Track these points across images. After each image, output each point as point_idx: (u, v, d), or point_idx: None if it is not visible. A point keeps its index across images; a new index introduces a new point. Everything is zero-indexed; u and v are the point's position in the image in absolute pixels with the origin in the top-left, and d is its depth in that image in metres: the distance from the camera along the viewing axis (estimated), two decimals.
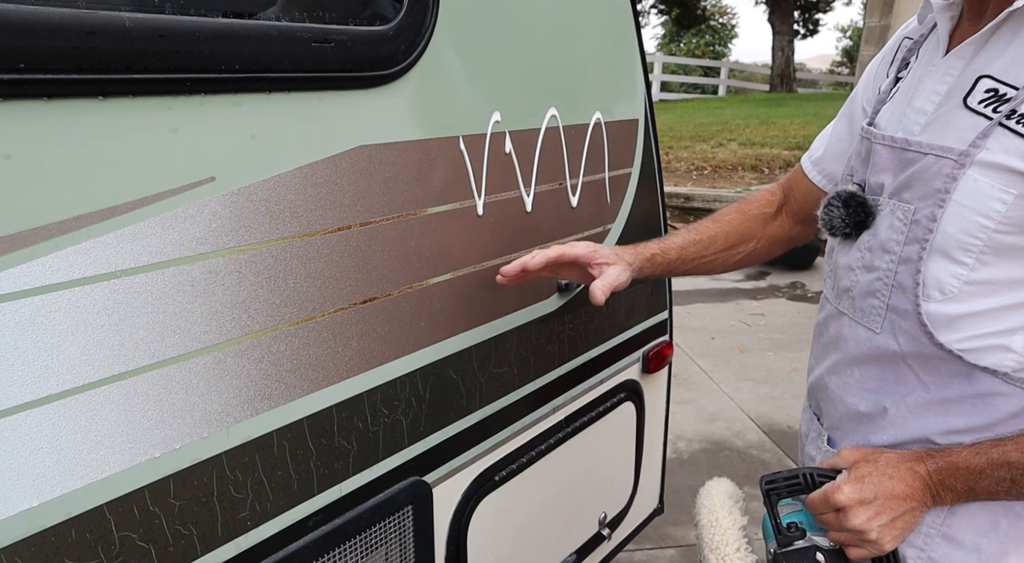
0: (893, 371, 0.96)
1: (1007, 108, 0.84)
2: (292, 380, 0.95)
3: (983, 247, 0.86)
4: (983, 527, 0.92)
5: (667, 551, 2.63)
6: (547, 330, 1.41)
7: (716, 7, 28.41)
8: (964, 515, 0.92)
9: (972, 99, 0.88)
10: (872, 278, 0.97)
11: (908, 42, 1.05)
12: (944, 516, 0.93)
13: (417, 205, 1.10)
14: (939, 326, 0.90)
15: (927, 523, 0.94)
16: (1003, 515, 0.91)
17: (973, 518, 0.92)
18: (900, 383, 0.96)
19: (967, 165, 0.86)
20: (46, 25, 0.68)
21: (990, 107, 0.86)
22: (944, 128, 0.90)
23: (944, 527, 0.93)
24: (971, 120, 0.87)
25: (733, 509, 1.08)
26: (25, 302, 0.70)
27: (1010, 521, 0.91)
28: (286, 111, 0.91)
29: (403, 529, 1.15)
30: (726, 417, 3.65)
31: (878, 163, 0.98)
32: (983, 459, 0.86)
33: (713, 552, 1.03)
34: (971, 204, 0.85)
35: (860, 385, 1.01)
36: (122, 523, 0.80)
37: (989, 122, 0.85)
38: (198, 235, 0.83)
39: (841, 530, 0.93)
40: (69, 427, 0.74)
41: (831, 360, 1.06)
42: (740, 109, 12.92)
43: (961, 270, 0.88)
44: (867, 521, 0.90)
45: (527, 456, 1.41)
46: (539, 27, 1.30)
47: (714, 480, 1.16)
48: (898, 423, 0.97)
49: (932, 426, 0.94)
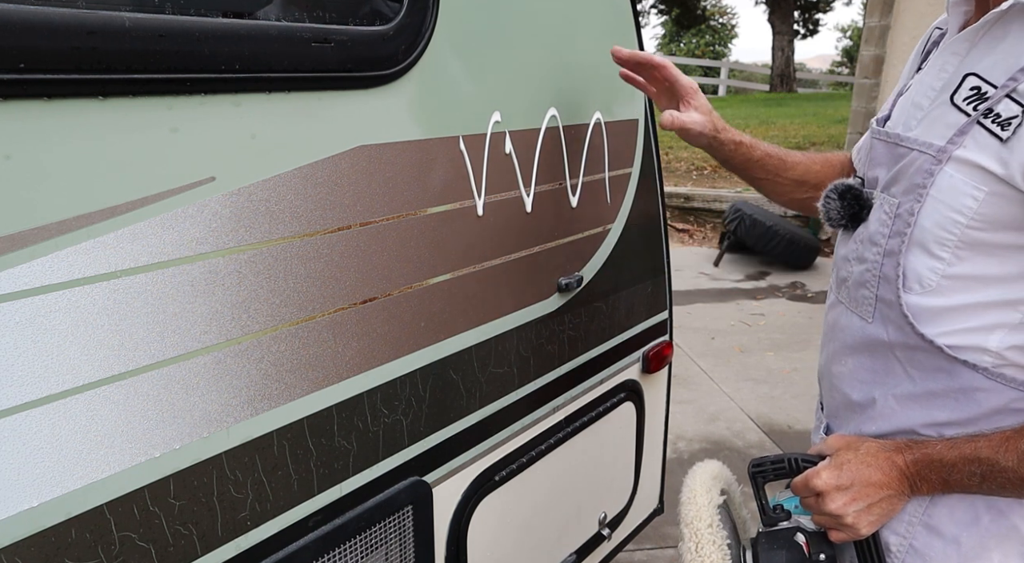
0: (883, 362, 0.98)
1: (984, 106, 0.85)
2: (292, 380, 0.95)
3: (957, 242, 0.87)
4: (963, 520, 0.93)
5: (667, 551, 2.63)
6: (547, 330, 1.41)
7: (716, 7, 28.42)
8: (945, 506, 0.94)
9: (958, 96, 0.89)
10: (863, 269, 0.99)
11: (937, 32, 1.05)
12: (926, 506, 0.95)
13: (417, 205, 1.10)
14: (921, 318, 0.92)
15: (909, 511, 0.95)
16: (984, 510, 0.92)
17: (953, 510, 0.93)
18: (889, 375, 0.98)
19: (944, 161, 0.88)
20: (46, 25, 0.68)
21: (971, 105, 0.87)
22: (932, 124, 0.92)
23: (926, 517, 0.95)
24: (954, 117, 0.89)
25: (713, 488, 1.11)
26: (25, 302, 0.70)
27: (992, 517, 0.92)
28: (286, 111, 0.91)
29: (403, 529, 1.15)
30: (726, 417, 3.65)
31: (875, 158, 1.01)
32: (956, 453, 0.88)
33: (687, 527, 1.06)
34: (945, 199, 0.87)
35: (854, 375, 1.03)
36: (122, 523, 0.80)
37: (967, 119, 0.87)
38: (198, 235, 0.83)
39: (820, 514, 0.96)
40: (69, 427, 0.74)
41: (831, 348, 1.09)
42: (740, 109, 12.92)
43: (938, 264, 0.90)
44: (843, 506, 0.93)
45: (527, 456, 1.41)
46: (539, 27, 1.30)
47: (703, 461, 1.18)
48: (886, 414, 0.98)
49: (917, 418, 0.95)
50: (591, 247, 1.51)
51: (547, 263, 1.38)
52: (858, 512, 0.93)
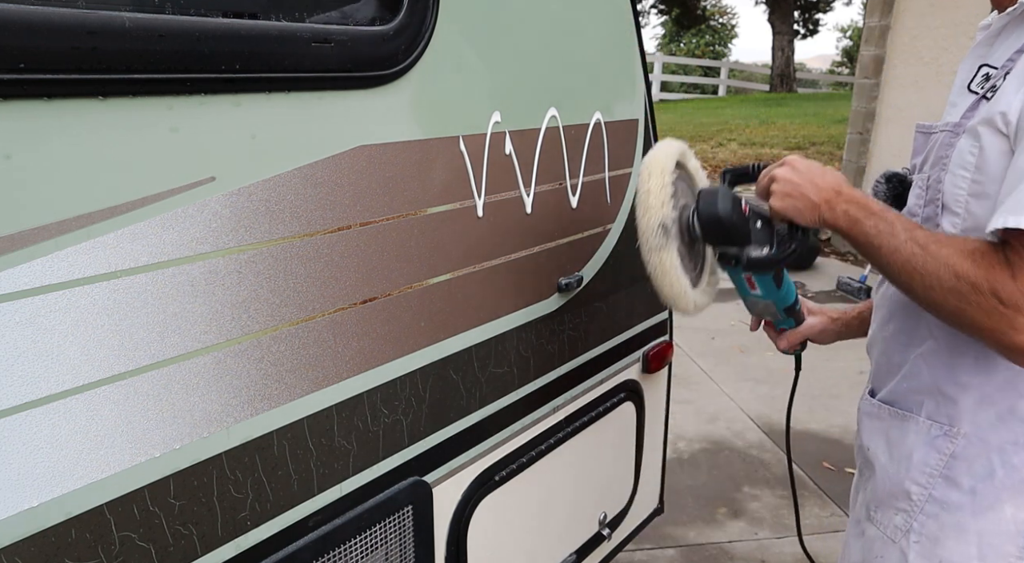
0: (914, 323, 1.09)
1: (989, 85, 1.00)
2: (292, 380, 0.95)
3: (967, 196, 0.99)
4: (980, 473, 1.03)
5: (667, 551, 2.63)
6: (547, 330, 1.41)
7: (716, 7, 28.41)
8: (963, 460, 1.03)
9: (974, 84, 1.04)
10: None
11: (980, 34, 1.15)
12: (947, 460, 1.05)
13: (417, 205, 1.10)
14: None
15: (931, 464, 1.06)
16: (1000, 465, 1.02)
17: (972, 464, 1.03)
18: (916, 335, 1.09)
19: (959, 133, 1.01)
20: (46, 25, 0.68)
21: (981, 87, 1.03)
22: (954, 110, 1.06)
23: (946, 469, 1.05)
24: (969, 99, 1.04)
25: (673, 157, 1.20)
26: (25, 302, 0.70)
27: (1006, 471, 1.01)
28: (286, 111, 0.91)
29: (403, 529, 1.15)
30: (726, 417, 3.65)
31: (915, 149, 1.14)
32: (878, 207, 1.00)
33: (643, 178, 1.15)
34: (957, 160, 1.00)
35: (895, 338, 1.14)
36: (122, 523, 0.80)
37: (976, 97, 1.02)
38: (198, 235, 0.83)
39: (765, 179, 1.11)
40: (69, 427, 0.74)
41: (880, 315, 1.20)
42: (740, 109, 12.92)
43: (957, 219, 1.01)
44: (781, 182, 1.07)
45: (527, 456, 1.41)
46: (539, 27, 1.30)
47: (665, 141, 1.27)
48: (915, 373, 1.09)
49: (942, 378, 1.06)
50: (591, 247, 1.51)
51: (547, 263, 1.38)
52: (784, 191, 1.06)
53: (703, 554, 2.64)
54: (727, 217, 1.16)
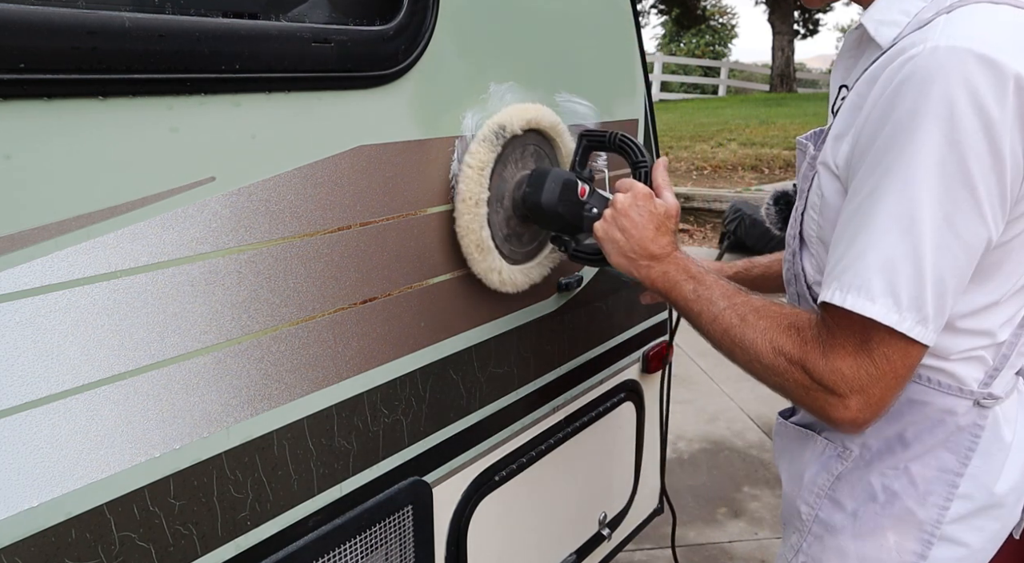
0: None
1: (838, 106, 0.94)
2: (292, 380, 0.95)
3: (816, 239, 0.97)
4: (861, 496, 1.00)
5: (667, 551, 2.63)
6: (547, 330, 1.41)
7: (716, 7, 28.41)
8: (847, 482, 1.01)
9: (835, 106, 0.98)
10: (787, 269, 1.07)
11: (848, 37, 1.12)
12: (832, 481, 1.02)
13: (417, 205, 1.10)
14: None
15: (819, 485, 1.02)
16: (881, 489, 0.98)
17: (854, 486, 1.00)
18: None
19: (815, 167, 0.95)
20: (46, 25, 0.68)
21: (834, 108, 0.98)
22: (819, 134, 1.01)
23: (831, 490, 1.02)
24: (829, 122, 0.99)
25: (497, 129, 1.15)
26: (25, 302, 0.70)
27: (886, 497, 0.98)
28: (286, 111, 0.91)
29: (403, 529, 1.15)
30: (726, 417, 3.65)
31: (797, 165, 1.08)
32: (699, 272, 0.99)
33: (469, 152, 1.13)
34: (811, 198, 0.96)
35: None
36: (122, 523, 0.80)
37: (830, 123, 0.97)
38: (198, 235, 0.83)
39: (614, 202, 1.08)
40: (69, 427, 0.74)
41: None
42: (740, 109, 12.92)
43: (815, 261, 0.99)
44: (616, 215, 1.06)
45: (527, 456, 1.41)
46: (539, 27, 1.30)
47: None
48: None
49: None
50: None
51: None
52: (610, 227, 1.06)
53: (703, 554, 2.64)
54: (549, 206, 1.12)
